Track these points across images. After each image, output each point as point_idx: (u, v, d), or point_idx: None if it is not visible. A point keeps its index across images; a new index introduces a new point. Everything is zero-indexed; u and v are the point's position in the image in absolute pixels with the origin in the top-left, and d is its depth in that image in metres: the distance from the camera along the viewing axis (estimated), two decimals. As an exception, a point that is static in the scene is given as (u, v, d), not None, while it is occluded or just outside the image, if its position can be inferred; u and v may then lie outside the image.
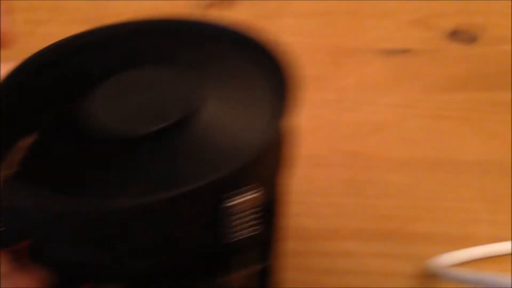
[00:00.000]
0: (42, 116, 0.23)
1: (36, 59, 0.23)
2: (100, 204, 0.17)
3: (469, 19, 0.44)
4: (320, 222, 0.29)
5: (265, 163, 0.20)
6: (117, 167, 0.21)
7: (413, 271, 0.28)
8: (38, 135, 0.22)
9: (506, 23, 0.43)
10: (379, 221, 0.30)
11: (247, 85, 0.23)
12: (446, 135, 0.36)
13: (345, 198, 0.32)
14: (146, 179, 0.20)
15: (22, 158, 0.20)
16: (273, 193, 0.22)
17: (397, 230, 0.30)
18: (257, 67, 0.23)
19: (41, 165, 0.21)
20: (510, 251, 0.28)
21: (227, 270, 0.21)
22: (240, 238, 0.19)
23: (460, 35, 0.43)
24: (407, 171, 0.33)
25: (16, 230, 0.19)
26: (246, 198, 0.18)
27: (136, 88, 0.23)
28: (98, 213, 0.18)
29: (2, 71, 0.22)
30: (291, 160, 0.22)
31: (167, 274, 0.21)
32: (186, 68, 0.23)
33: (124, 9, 0.46)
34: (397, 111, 0.37)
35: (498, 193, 0.31)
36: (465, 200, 0.31)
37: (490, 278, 0.24)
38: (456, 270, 0.27)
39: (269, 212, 0.22)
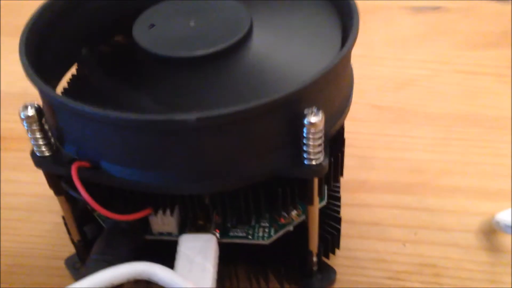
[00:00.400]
0: (82, 48, 0.23)
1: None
2: (172, 117, 0.16)
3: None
4: (345, 174, 0.27)
5: (332, 88, 0.19)
6: (179, 87, 0.20)
7: (445, 224, 0.26)
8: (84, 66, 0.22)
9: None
10: (408, 174, 0.29)
11: (305, 14, 0.23)
12: (479, 90, 0.34)
13: (372, 151, 0.30)
14: (211, 98, 0.19)
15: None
16: (337, 125, 0.20)
17: (427, 183, 0.28)
18: None
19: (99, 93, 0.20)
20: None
21: (292, 200, 0.20)
22: (311, 164, 0.18)
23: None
24: (438, 126, 0.31)
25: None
26: (319, 119, 0.17)
27: (184, 15, 0.22)
28: (170, 125, 0.16)
29: None
30: (350, 98, 0.21)
31: (229, 201, 0.20)
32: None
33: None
34: (427, 66, 0.36)
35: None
36: (498, 156, 0.29)
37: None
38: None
39: (335, 144, 0.21)
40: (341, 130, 0.22)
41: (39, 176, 0.20)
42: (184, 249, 0.20)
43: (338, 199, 0.24)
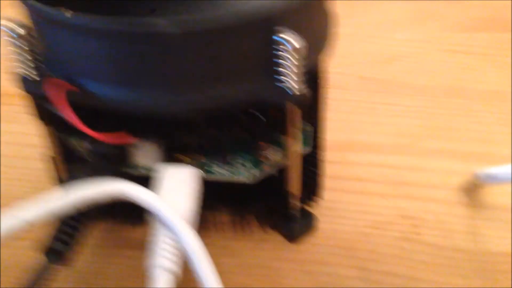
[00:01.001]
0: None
1: None
2: (152, 22, 0.16)
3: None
4: (330, 135, 0.28)
5: (312, 15, 0.19)
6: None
7: (427, 182, 0.26)
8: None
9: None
10: (392, 137, 0.29)
11: None
12: (465, 67, 0.34)
13: (357, 116, 0.31)
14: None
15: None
16: (317, 58, 0.21)
17: (411, 145, 0.29)
18: None
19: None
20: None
21: (271, 129, 0.20)
22: (290, 90, 0.18)
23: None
24: (425, 96, 0.32)
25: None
26: (299, 43, 0.17)
27: None
28: (139, 28, 0.16)
29: None
30: (332, 37, 0.21)
31: (207, 127, 0.20)
32: None
33: None
34: (415, 45, 0.36)
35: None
36: (484, 124, 0.30)
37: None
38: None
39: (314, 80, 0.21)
40: (321, 72, 0.22)
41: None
42: (164, 177, 0.21)
43: (323, 147, 0.25)
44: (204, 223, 0.24)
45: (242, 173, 0.22)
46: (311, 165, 0.24)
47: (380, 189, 0.26)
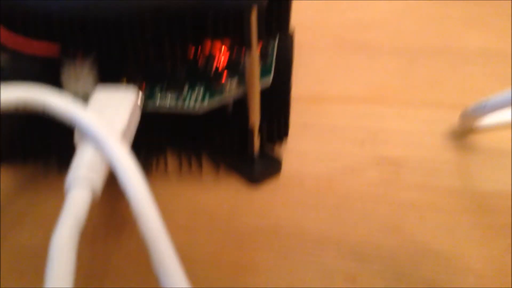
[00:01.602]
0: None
1: None
2: None
3: None
4: (302, 88, 0.25)
5: None
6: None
7: (407, 129, 0.24)
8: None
9: None
10: (372, 90, 0.26)
11: None
12: (446, 30, 0.32)
13: (333, 70, 0.28)
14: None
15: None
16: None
17: (389, 96, 0.26)
18: None
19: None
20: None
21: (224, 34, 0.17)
22: None
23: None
24: (405, 56, 0.29)
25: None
26: None
27: None
28: None
29: None
30: None
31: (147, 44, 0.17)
32: None
33: None
34: (394, 12, 0.34)
35: (503, 72, 0.27)
36: (469, 78, 0.27)
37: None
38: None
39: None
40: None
41: None
42: (97, 96, 0.18)
43: (290, 77, 0.22)
44: (146, 168, 0.21)
45: (191, 102, 0.20)
46: (275, 96, 0.21)
47: (356, 136, 0.23)
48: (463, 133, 0.23)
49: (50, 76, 0.19)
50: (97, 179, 0.15)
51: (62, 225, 0.14)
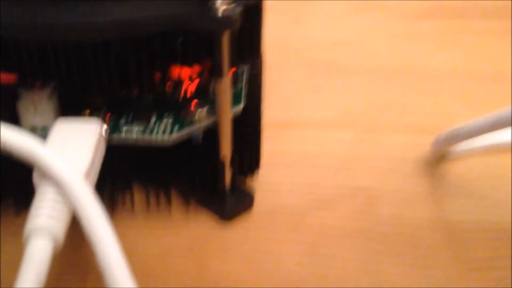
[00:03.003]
0: None
1: None
2: None
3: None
4: (272, 113, 0.24)
5: None
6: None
7: (381, 155, 0.23)
8: None
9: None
10: (341, 113, 0.26)
11: None
12: (413, 51, 0.32)
13: (302, 94, 0.27)
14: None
15: None
16: None
17: (361, 121, 0.25)
18: None
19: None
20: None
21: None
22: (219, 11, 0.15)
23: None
24: (373, 77, 0.29)
25: None
26: None
27: None
28: None
29: None
30: None
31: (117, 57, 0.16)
32: None
33: None
34: (361, 32, 0.34)
35: (472, 94, 0.27)
36: (437, 100, 0.27)
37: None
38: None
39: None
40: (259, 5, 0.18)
41: None
42: (58, 129, 0.16)
43: (260, 106, 0.21)
44: (112, 206, 0.19)
45: (159, 134, 0.18)
46: (246, 127, 0.20)
47: (329, 163, 0.23)
48: (436, 160, 0.23)
49: (5, 108, 0.17)
50: (59, 227, 0.14)
51: (23, 281, 0.13)
